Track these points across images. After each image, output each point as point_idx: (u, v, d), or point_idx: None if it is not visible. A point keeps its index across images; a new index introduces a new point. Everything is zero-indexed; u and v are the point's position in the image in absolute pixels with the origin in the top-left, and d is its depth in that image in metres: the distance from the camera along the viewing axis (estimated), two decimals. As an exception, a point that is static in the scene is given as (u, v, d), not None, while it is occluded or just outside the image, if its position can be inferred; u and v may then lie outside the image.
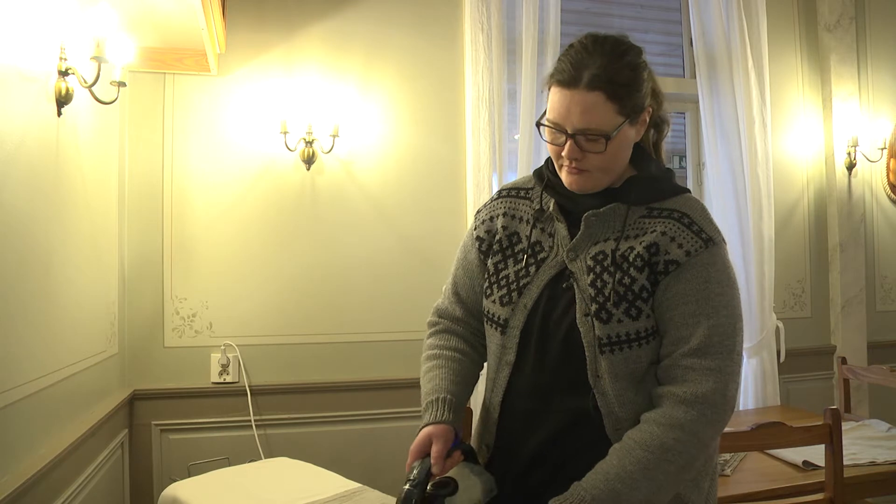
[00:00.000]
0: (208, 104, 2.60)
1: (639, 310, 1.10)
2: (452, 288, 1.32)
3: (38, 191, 1.61)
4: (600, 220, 1.15)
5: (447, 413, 1.16)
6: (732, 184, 3.02)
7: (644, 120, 1.15)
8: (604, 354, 1.10)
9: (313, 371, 2.66)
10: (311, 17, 2.71)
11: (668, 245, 1.11)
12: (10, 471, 1.43)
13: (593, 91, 1.06)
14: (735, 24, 3.02)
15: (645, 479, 1.03)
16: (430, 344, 1.29)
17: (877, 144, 3.37)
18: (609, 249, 1.13)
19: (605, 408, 1.11)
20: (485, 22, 2.75)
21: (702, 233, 1.12)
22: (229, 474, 2.16)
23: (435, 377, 1.22)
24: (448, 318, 1.31)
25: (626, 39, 1.14)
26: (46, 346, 1.67)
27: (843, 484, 1.79)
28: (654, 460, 1.04)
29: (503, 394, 1.20)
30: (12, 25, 1.45)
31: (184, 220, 2.57)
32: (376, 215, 2.74)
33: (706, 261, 1.10)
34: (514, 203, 1.26)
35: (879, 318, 3.41)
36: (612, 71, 1.07)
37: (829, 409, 1.81)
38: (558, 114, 1.10)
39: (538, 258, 1.19)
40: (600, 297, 1.11)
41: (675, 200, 1.17)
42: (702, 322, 1.08)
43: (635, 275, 1.11)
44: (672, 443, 1.04)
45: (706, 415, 1.06)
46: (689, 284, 1.10)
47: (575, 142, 1.09)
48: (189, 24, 2.11)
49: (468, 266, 1.29)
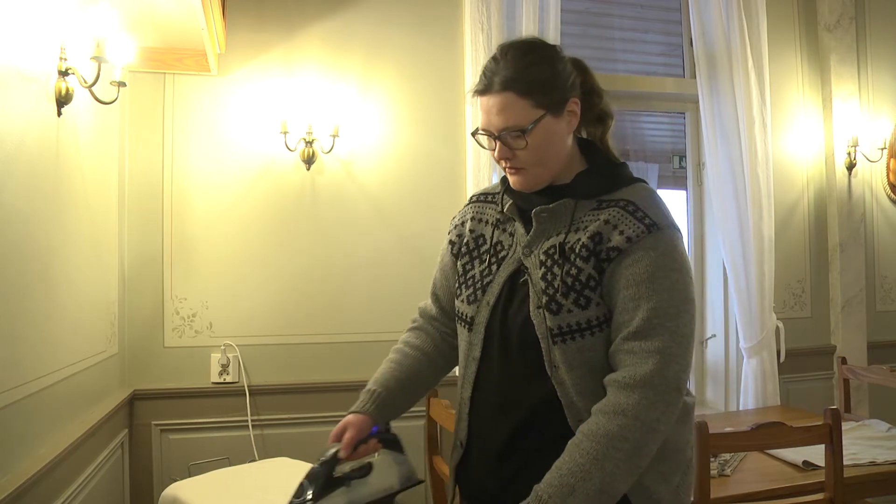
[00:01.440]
0: (208, 104, 2.60)
1: (587, 299, 1.14)
2: (432, 289, 1.42)
3: (38, 191, 1.61)
4: (551, 215, 1.20)
5: (369, 405, 1.25)
6: (732, 184, 3.02)
7: (573, 112, 1.19)
8: (556, 345, 1.14)
9: (313, 371, 2.66)
10: (311, 17, 2.71)
11: (611, 233, 1.14)
12: (10, 471, 1.43)
13: (505, 91, 1.14)
14: (735, 24, 3.02)
15: (596, 470, 1.04)
16: (402, 338, 1.41)
17: (877, 144, 3.37)
18: (558, 243, 1.18)
19: (564, 398, 1.14)
20: (485, 22, 2.75)
21: (645, 218, 1.14)
22: (229, 474, 2.17)
23: (382, 370, 1.33)
24: (425, 316, 1.42)
25: (535, 40, 1.22)
26: (46, 346, 1.67)
27: (843, 484, 1.80)
28: (602, 449, 1.05)
29: (472, 389, 1.25)
30: (12, 25, 1.45)
31: (184, 220, 2.57)
32: (376, 215, 2.74)
33: (648, 245, 1.12)
34: (482, 207, 1.35)
35: (879, 318, 3.41)
36: (519, 70, 1.14)
37: (829, 409, 1.82)
38: (482, 120, 1.19)
39: (499, 257, 1.26)
40: (550, 290, 1.15)
41: (625, 191, 1.19)
42: (641, 305, 1.10)
43: (581, 265, 1.15)
44: (617, 429, 1.06)
45: (647, 397, 1.07)
46: (630, 269, 1.12)
47: (502, 142, 1.17)
48: (189, 24, 2.11)
49: (444, 268, 1.39)
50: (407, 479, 1.27)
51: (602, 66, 3.34)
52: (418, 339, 1.39)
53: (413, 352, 1.36)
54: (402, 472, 1.26)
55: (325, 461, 1.17)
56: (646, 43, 3.39)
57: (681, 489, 1.19)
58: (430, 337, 1.39)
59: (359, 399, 1.28)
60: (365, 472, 1.22)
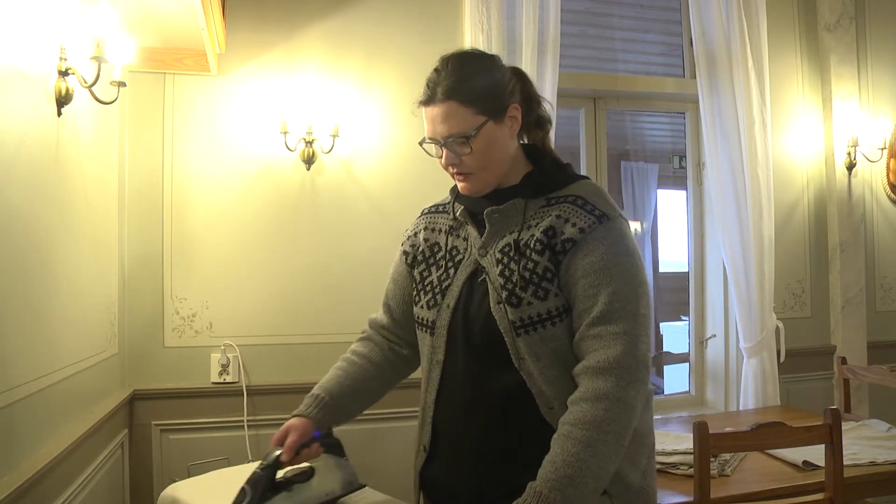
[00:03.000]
0: (208, 104, 2.60)
1: (546, 290, 1.18)
2: (384, 300, 1.47)
3: (38, 191, 1.61)
4: (502, 216, 1.25)
5: (313, 409, 1.29)
6: (732, 184, 3.02)
7: (514, 117, 1.25)
8: (520, 337, 1.17)
9: (313, 371, 2.65)
10: (311, 17, 2.71)
11: (563, 226, 1.19)
12: (10, 471, 1.43)
13: (447, 101, 1.20)
14: (735, 24, 3.02)
15: (591, 457, 1.06)
16: (350, 348, 1.45)
17: (877, 144, 3.37)
18: (513, 240, 1.23)
19: (534, 387, 1.18)
20: (485, 22, 2.75)
21: (595, 210, 1.20)
22: (229, 474, 2.16)
23: (328, 377, 1.37)
24: (375, 327, 1.47)
25: (475, 51, 1.30)
26: (46, 346, 1.67)
27: (843, 484, 1.80)
28: (593, 435, 1.07)
29: (437, 392, 1.28)
30: (12, 25, 1.45)
31: (184, 220, 2.57)
32: (376, 215, 2.74)
33: (601, 235, 1.18)
34: (434, 218, 1.42)
35: (879, 318, 3.41)
36: (460, 80, 1.20)
37: (829, 409, 1.82)
38: (428, 129, 1.24)
39: (456, 261, 1.30)
40: (509, 285, 1.20)
41: (572, 187, 1.26)
42: (601, 291, 1.15)
43: (536, 258, 1.19)
44: (603, 413, 1.09)
45: (623, 377, 1.11)
46: (586, 259, 1.17)
47: (448, 149, 1.22)
48: (189, 24, 2.11)
49: (397, 278, 1.43)
50: (349, 483, 1.29)
51: (602, 66, 3.34)
52: (366, 348, 1.43)
53: (360, 360, 1.40)
54: (344, 476, 1.28)
55: (266, 465, 1.18)
56: (646, 43, 3.39)
57: (647, 472, 1.23)
58: (379, 347, 1.43)
59: (302, 403, 1.32)
60: (307, 476, 1.23)
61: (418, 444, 1.33)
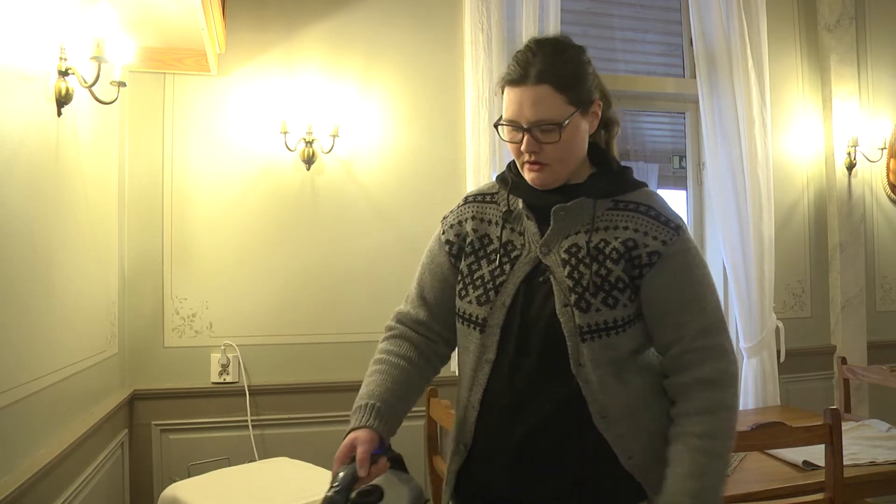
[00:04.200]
0: (208, 104, 2.60)
1: (615, 299, 1.16)
2: (418, 292, 1.34)
3: (38, 191, 1.61)
4: (568, 214, 1.20)
5: (372, 419, 1.17)
6: (732, 184, 3.02)
7: (595, 113, 1.21)
8: (585, 342, 1.14)
9: (313, 371, 2.66)
10: (311, 17, 2.71)
11: (644, 238, 1.17)
12: (10, 471, 1.43)
13: (541, 84, 1.13)
14: (735, 24, 3.02)
15: (725, 467, 1.13)
16: (380, 348, 1.32)
17: (877, 144, 3.37)
18: (582, 242, 1.18)
19: (589, 395, 1.14)
20: (485, 22, 2.75)
21: (669, 222, 1.19)
22: (229, 474, 2.17)
23: (371, 383, 1.24)
24: (408, 323, 1.33)
25: (567, 39, 1.22)
26: (46, 346, 1.67)
27: (843, 484, 1.79)
28: (725, 445, 1.13)
29: (483, 392, 1.21)
30: (12, 25, 1.45)
31: (184, 220, 2.57)
32: (376, 215, 2.74)
33: (682, 248, 1.18)
34: (482, 207, 1.31)
35: (879, 318, 3.41)
36: (556, 64, 1.15)
37: (829, 409, 1.81)
38: (512, 111, 1.16)
39: (511, 256, 1.23)
40: (578, 288, 1.15)
41: (637, 194, 1.23)
42: (696, 305, 1.17)
43: (611, 266, 1.16)
44: (726, 424, 1.14)
45: (731, 386, 1.16)
46: (676, 273, 1.17)
47: (531, 135, 1.15)
48: (189, 24, 2.11)
49: (436, 270, 1.32)
50: (418, 499, 1.18)
51: (602, 66, 3.33)
52: (401, 348, 1.30)
53: (399, 361, 1.28)
54: (412, 494, 1.17)
55: (341, 487, 1.05)
56: (646, 43, 3.39)
57: None
58: (413, 345, 1.31)
59: (354, 416, 1.19)
60: (378, 496, 1.10)
61: (456, 444, 1.27)
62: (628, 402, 1.16)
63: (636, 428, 1.16)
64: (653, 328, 1.20)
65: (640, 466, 1.15)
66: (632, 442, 1.15)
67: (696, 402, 1.14)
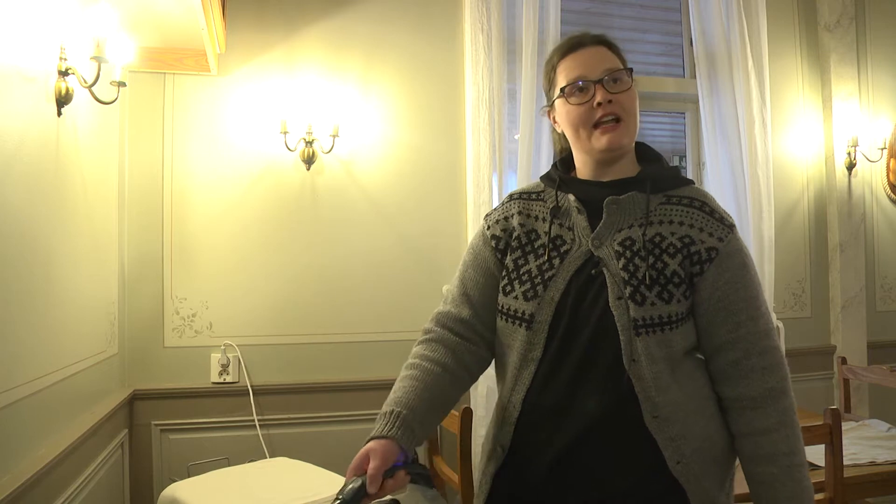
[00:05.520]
0: (208, 104, 2.60)
1: (670, 294, 1.13)
2: (460, 289, 1.27)
3: (38, 191, 1.61)
4: (620, 207, 1.18)
5: (395, 429, 1.07)
6: (732, 184, 3.02)
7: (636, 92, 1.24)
8: (639, 336, 1.11)
9: (313, 371, 2.66)
10: (311, 17, 2.71)
11: (699, 234, 1.17)
12: (10, 471, 1.43)
13: (599, 45, 1.22)
14: (735, 24, 3.02)
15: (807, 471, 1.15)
16: (415, 352, 1.23)
17: (877, 144, 3.37)
18: (637, 235, 1.16)
19: (641, 393, 1.10)
20: (485, 22, 2.75)
21: (724, 219, 1.20)
22: (229, 474, 2.16)
23: (400, 388, 1.15)
24: (448, 324, 1.25)
25: None
26: (46, 346, 1.67)
27: (843, 484, 1.80)
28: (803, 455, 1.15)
29: (526, 391, 1.16)
30: (12, 25, 1.45)
31: (184, 220, 2.57)
32: (376, 215, 2.74)
33: (737, 246, 1.18)
34: (527, 204, 1.28)
35: (879, 318, 3.41)
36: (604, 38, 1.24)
37: (829, 409, 1.81)
38: (578, 70, 1.20)
39: (561, 251, 1.20)
40: (634, 280, 1.13)
41: (687, 190, 1.23)
42: (752, 305, 1.17)
43: (668, 260, 1.15)
44: (799, 431, 1.16)
45: (791, 390, 1.19)
46: (734, 271, 1.16)
47: (605, 85, 1.17)
48: (189, 24, 2.11)
49: (480, 265, 1.27)
50: None
51: (602, 66, 3.33)
52: (436, 352, 1.20)
53: (432, 366, 1.18)
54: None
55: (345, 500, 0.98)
56: (646, 43, 3.38)
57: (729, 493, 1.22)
58: (451, 350, 1.21)
59: (377, 423, 1.09)
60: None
61: (493, 446, 1.21)
62: (682, 402, 1.12)
63: (689, 430, 1.11)
64: (705, 327, 1.16)
65: (688, 471, 1.11)
66: (683, 445, 1.10)
67: (772, 416, 1.14)
